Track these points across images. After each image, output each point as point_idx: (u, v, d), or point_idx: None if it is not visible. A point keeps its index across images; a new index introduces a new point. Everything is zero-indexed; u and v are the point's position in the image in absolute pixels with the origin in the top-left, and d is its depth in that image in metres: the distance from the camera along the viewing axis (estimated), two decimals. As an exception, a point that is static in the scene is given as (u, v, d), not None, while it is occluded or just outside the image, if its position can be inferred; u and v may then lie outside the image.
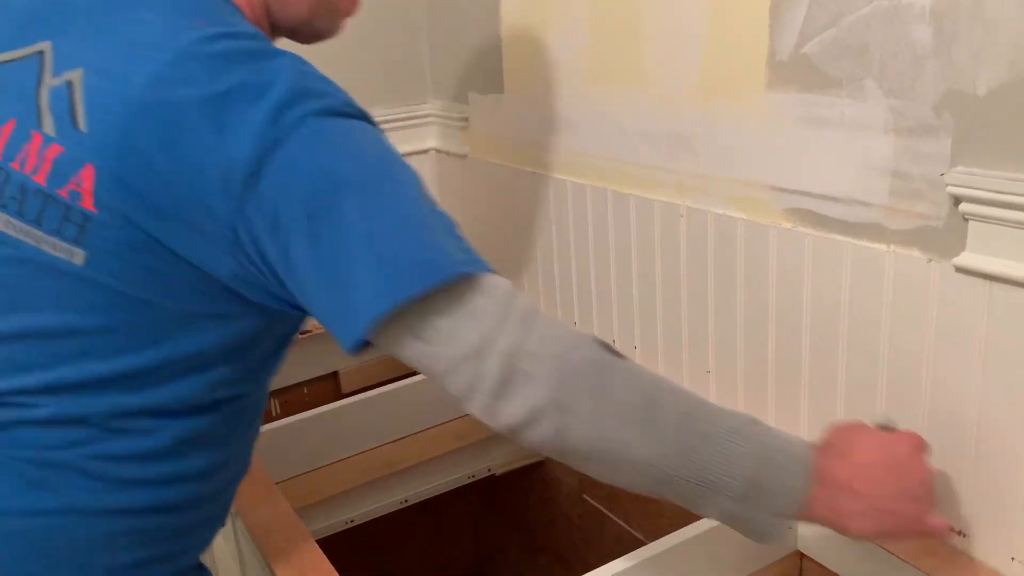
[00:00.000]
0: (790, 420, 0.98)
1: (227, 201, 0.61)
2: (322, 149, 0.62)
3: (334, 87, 0.66)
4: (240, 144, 0.60)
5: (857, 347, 0.87)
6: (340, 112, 0.65)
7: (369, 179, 0.63)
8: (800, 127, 0.88)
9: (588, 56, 1.15)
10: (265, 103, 0.61)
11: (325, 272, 0.61)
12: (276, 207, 0.61)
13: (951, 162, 0.75)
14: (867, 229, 0.84)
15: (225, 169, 0.61)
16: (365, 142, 0.65)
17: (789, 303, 0.94)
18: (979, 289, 0.75)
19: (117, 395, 0.68)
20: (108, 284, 0.65)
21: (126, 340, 0.67)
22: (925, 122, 0.76)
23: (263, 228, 0.62)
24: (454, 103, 1.51)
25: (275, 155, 0.61)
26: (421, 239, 0.62)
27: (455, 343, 0.62)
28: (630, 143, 1.11)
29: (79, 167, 0.63)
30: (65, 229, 0.64)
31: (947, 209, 0.76)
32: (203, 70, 0.62)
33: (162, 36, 0.64)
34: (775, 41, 0.88)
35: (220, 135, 0.61)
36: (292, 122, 0.61)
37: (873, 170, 0.82)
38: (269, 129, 0.61)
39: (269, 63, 0.64)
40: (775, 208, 0.93)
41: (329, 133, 0.63)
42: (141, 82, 0.62)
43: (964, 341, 0.77)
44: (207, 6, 0.69)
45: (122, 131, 0.62)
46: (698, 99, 0.99)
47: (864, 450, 0.71)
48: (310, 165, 0.61)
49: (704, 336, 1.07)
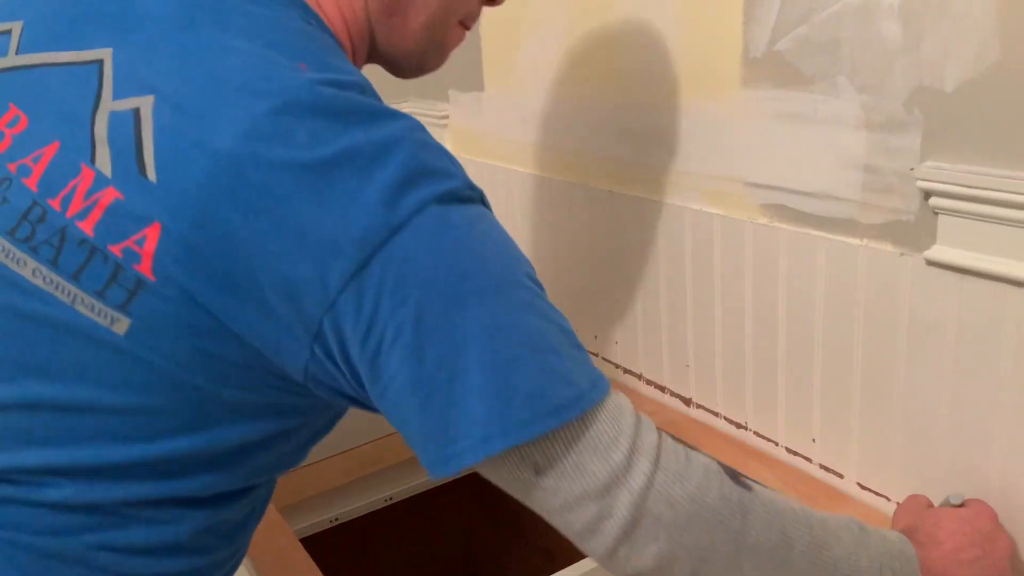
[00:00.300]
0: (768, 413, 0.99)
1: (321, 291, 0.51)
2: (445, 246, 0.53)
3: (455, 162, 0.57)
4: (347, 226, 0.51)
5: (832, 340, 0.88)
6: (463, 197, 0.55)
7: (494, 287, 0.54)
8: (774, 123, 0.89)
9: (566, 53, 1.16)
10: (380, 178, 0.51)
11: (426, 392, 0.52)
12: (378, 308, 0.51)
13: (921, 157, 0.76)
14: (840, 223, 0.85)
15: (324, 253, 0.51)
16: (490, 237, 0.56)
17: (765, 297, 0.95)
18: (950, 282, 0.76)
19: (139, 483, 0.58)
20: (151, 361, 0.55)
21: (161, 424, 0.57)
22: (895, 117, 0.77)
23: (356, 327, 0.52)
24: (434, 101, 1.52)
25: (388, 246, 0.51)
26: (547, 364, 0.54)
27: (579, 479, 0.54)
28: (608, 140, 1.12)
29: (142, 224, 0.52)
30: (111, 292, 0.54)
31: (918, 203, 0.77)
32: (306, 127, 0.51)
33: (258, 78, 0.53)
34: (749, 38, 0.89)
35: (321, 211, 0.51)
36: (412, 207, 0.52)
37: (846, 165, 0.83)
38: (384, 213, 0.51)
39: (384, 126, 0.54)
40: (751, 203, 0.94)
41: (453, 225, 0.54)
42: (231, 133, 0.51)
43: (936, 333, 0.78)
44: (307, 41, 0.58)
45: (202, 190, 0.51)
46: (674, 96, 1.00)
47: (953, 534, 0.71)
48: (429, 264, 0.52)
49: (683, 330, 1.08)
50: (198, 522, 0.61)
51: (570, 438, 0.54)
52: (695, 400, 1.10)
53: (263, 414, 0.60)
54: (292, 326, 0.53)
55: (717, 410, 1.07)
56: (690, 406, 1.11)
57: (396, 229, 0.51)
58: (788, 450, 0.98)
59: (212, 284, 0.52)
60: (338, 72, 0.56)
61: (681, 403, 1.12)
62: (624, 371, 1.21)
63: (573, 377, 0.55)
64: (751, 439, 1.02)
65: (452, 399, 0.52)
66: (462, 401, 0.52)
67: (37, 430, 0.56)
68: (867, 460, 0.89)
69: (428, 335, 0.52)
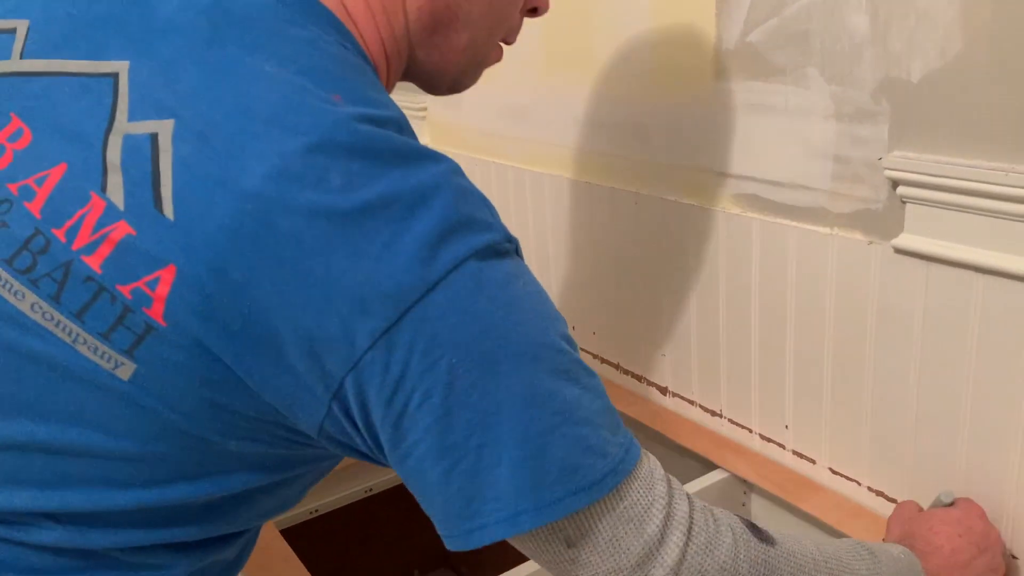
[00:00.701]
0: (742, 400, 1.00)
1: (347, 348, 0.47)
2: (481, 306, 0.49)
3: (493, 211, 0.53)
4: (379, 281, 0.47)
5: (803, 327, 0.90)
6: (501, 251, 0.51)
7: (531, 353, 0.50)
8: (747, 114, 0.90)
9: (543, 46, 1.16)
10: (418, 230, 0.47)
11: (453, 460, 0.49)
12: (407, 369, 0.48)
13: (888, 147, 0.77)
14: (811, 213, 0.86)
15: (353, 309, 0.47)
16: (527, 296, 0.52)
17: (739, 286, 0.96)
18: (917, 269, 0.77)
19: (132, 530, 0.55)
20: (155, 409, 0.51)
21: (160, 472, 0.54)
22: (864, 108, 0.78)
23: (382, 388, 0.49)
24: (413, 93, 1.52)
25: (422, 304, 0.47)
26: (581, 437, 0.51)
27: (613, 554, 0.53)
28: (584, 132, 1.13)
29: (156, 265, 0.48)
30: (117, 335, 0.49)
31: (886, 192, 0.79)
32: (340, 169, 0.47)
33: (290, 111, 0.48)
34: (722, 30, 0.90)
35: (353, 263, 0.47)
36: (449, 263, 0.48)
37: (816, 155, 0.84)
38: (420, 268, 0.47)
39: (424, 170, 0.49)
40: (724, 193, 0.95)
41: (492, 283, 0.50)
42: (260, 173, 0.46)
43: (904, 319, 0.80)
44: (344, 69, 0.53)
45: (225, 233, 0.46)
46: (648, 87, 1.01)
47: (950, 537, 0.73)
48: (464, 325, 0.48)
49: (658, 320, 1.09)
50: (191, 564, 0.59)
51: (603, 511, 0.52)
52: (671, 389, 1.11)
53: (270, 464, 0.56)
54: (311, 383, 0.49)
55: (693, 398, 1.08)
56: (666, 395, 1.12)
57: (432, 286, 0.47)
58: (762, 437, 0.99)
59: (228, 334, 0.48)
60: (375, 106, 0.52)
61: (657, 392, 1.13)
62: (601, 360, 1.22)
63: (607, 449, 0.52)
64: (726, 427, 1.04)
65: (480, 470, 0.49)
66: (491, 472, 0.49)
67: (28, 471, 0.53)
68: (838, 446, 0.90)
69: (459, 401, 0.48)
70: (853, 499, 0.90)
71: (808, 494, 0.92)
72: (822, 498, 0.91)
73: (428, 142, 1.50)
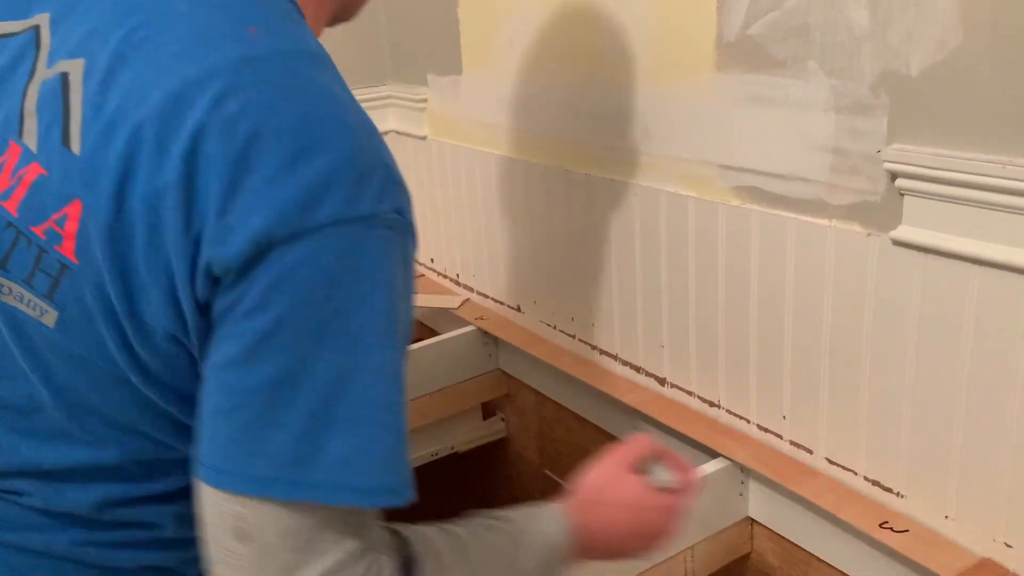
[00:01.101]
0: (740, 391, 1.01)
1: (219, 266, 0.47)
2: (338, 273, 0.48)
3: (392, 179, 0.51)
4: (253, 212, 0.46)
5: (802, 318, 0.91)
6: (389, 223, 0.50)
7: (368, 337, 0.49)
8: (747, 107, 0.91)
9: (543, 38, 1.17)
10: (304, 174, 0.47)
11: (243, 402, 0.48)
12: (243, 298, 0.47)
13: (887, 139, 0.78)
14: (810, 205, 0.87)
15: (219, 234, 0.47)
16: (391, 281, 0.50)
17: (738, 278, 0.97)
18: (914, 261, 0.78)
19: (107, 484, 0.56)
20: (84, 358, 0.50)
21: (111, 423, 0.54)
22: (863, 101, 0.79)
23: (225, 311, 0.48)
24: (413, 85, 1.52)
25: (286, 248, 0.47)
26: (377, 438, 0.50)
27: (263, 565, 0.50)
28: (584, 123, 1.14)
29: (63, 202, 0.48)
30: (37, 280, 0.49)
31: (884, 184, 0.80)
32: (239, 98, 0.47)
33: (198, 45, 0.49)
34: (723, 22, 0.91)
35: (232, 191, 0.46)
36: (328, 218, 0.47)
37: (815, 148, 0.85)
38: (297, 214, 0.47)
39: (329, 116, 0.49)
40: (723, 186, 0.96)
41: (360, 254, 0.49)
42: (158, 100, 0.47)
43: (901, 311, 0.81)
44: (260, 4, 0.53)
45: (122, 161, 0.47)
46: (648, 80, 1.02)
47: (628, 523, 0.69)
48: (316, 285, 0.47)
49: (658, 311, 1.10)
50: (179, 515, 0.58)
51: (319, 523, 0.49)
52: (669, 380, 1.12)
53: None
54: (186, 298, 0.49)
55: (691, 389, 1.09)
56: (664, 385, 1.13)
57: (299, 234, 0.46)
58: (760, 427, 1.00)
59: (130, 265, 0.48)
60: (290, 40, 0.51)
61: (656, 383, 1.14)
62: (600, 352, 1.23)
63: (397, 466, 0.51)
64: (724, 417, 1.05)
65: (264, 424, 0.48)
66: (272, 431, 0.48)
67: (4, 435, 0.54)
68: (835, 436, 0.91)
69: (273, 351, 0.47)
70: (850, 487, 0.91)
71: (806, 480, 0.93)
72: (819, 483, 0.92)
73: (428, 133, 1.50)
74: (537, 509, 0.65)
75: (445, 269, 1.58)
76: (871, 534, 0.85)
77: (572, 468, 0.77)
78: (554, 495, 0.71)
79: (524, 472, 1.49)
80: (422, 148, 1.53)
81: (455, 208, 1.47)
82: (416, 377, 1.38)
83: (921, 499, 0.84)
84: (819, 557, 0.95)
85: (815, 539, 0.95)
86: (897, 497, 0.86)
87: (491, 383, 1.46)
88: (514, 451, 1.51)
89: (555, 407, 1.34)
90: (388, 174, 0.51)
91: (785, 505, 0.97)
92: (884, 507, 0.87)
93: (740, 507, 1.03)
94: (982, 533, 0.80)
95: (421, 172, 1.56)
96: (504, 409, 1.50)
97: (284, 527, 0.48)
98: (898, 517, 0.86)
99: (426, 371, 1.38)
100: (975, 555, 0.80)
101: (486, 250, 1.43)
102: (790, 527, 0.98)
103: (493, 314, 1.45)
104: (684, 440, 1.07)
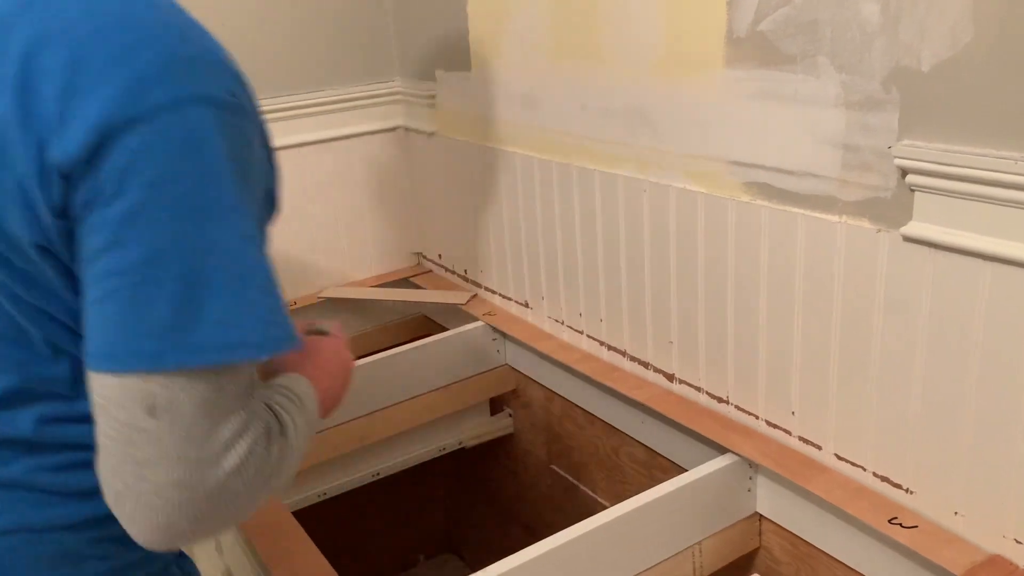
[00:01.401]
0: (749, 387, 1.01)
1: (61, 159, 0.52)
2: (185, 152, 0.53)
3: (220, 63, 0.57)
4: (89, 107, 0.51)
5: (811, 315, 0.91)
6: (224, 103, 0.55)
7: (222, 208, 0.55)
8: (757, 102, 0.91)
9: (551, 34, 1.17)
10: (133, 66, 0.52)
11: (116, 285, 0.53)
12: (102, 190, 0.52)
13: (898, 135, 0.78)
14: (820, 200, 0.87)
15: (61, 127, 0.52)
16: (237, 153, 0.56)
17: (747, 274, 0.97)
18: (924, 256, 0.78)
19: (52, 403, 0.62)
20: None
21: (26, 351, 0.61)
22: (874, 97, 0.79)
23: (85, 202, 0.53)
24: (421, 81, 1.53)
25: (128, 133, 0.52)
26: (249, 298, 0.56)
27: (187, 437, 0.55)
28: (593, 119, 1.14)
29: None
30: None
31: (895, 180, 0.80)
32: (61, 22, 0.54)
33: None
34: (732, 18, 0.91)
35: (71, 87, 0.52)
36: (161, 103, 0.52)
37: (825, 143, 0.85)
38: (129, 102, 0.52)
39: (154, 10, 0.55)
40: (733, 182, 0.96)
41: (203, 131, 0.54)
42: (27, 35, 0.54)
43: (911, 307, 0.81)
44: None
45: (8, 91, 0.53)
46: (658, 75, 1.02)
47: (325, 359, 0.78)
48: (167, 164, 0.52)
49: (667, 308, 1.10)
50: None
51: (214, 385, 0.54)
52: (678, 376, 1.12)
53: None
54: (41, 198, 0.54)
55: (699, 385, 1.09)
56: (673, 381, 1.13)
57: (136, 119, 0.52)
58: (768, 423, 1.00)
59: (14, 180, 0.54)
60: None
61: (664, 379, 1.14)
62: (609, 348, 1.23)
63: (277, 319, 0.57)
64: (733, 413, 1.05)
65: (137, 302, 0.53)
66: (145, 307, 0.52)
67: None
68: (844, 432, 0.91)
69: (135, 234, 0.52)
70: (858, 480, 0.91)
71: (815, 475, 0.93)
72: (828, 479, 0.92)
73: (437, 129, 1.50)
74: (288, 379, 0.71)
75: (453, 265, 1.59)
76: (880, 530, 0.85)
77: (579, 464, 0.77)
78: (561, 490, 0.72)
79: (531, 467, 1.50)
80: (430, 144, 1.53)
81: (462, 204, 1.48)
82: (424, 372, 1.38)
83: (930, 495, 0.84)
84: (827, 553, 0.95)
85: (823, 535, 0.95)
86: (906, 493, 0.86)
87: (499, 379, 1.46)
88: (521, 446, 1.52)
89: (563, 403, 1.35)
90: (215, 59, 0.56)
91: (794, 501, 0.97)
92: (893, 503, 0.87)
93: (749, 503, 1.03)
94: (991, 529, 0.80)
95: (429, 168, 1.56)
96: (512, 404, 1.50)
97: (194, 396, 0.53)
98: (907, 513, 0.86)
99: (434, 367, 1.39)
100: (984, 551, 0.80)
101: (494, 246, 1.43)
102: (798, 523, 0.98)
103: (501, 310, 1.45)
104: (693, 436, 1.08)
